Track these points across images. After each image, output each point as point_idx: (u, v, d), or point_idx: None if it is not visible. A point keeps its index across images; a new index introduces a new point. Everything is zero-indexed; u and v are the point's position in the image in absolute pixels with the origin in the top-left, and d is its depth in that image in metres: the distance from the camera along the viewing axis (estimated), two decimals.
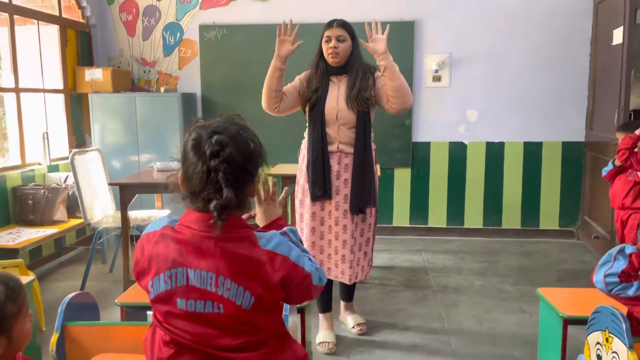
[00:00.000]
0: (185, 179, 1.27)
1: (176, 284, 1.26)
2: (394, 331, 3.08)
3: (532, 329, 3.06)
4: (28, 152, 4.32)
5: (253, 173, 1.28)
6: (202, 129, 1.25)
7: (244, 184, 1.27)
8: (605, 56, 4.42)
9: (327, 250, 2.85)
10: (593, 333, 1.88)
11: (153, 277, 1.28)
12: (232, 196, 1.20)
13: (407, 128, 4.98)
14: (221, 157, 1.20)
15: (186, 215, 1.29)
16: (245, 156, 1.24)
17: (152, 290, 1.29)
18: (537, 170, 4.96)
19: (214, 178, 1.20)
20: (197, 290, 1.24)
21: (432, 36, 4.89)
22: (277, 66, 2.73)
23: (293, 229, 1.42)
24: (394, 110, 2.73)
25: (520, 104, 4.89)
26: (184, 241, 1.26)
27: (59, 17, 4.73)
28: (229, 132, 1.24)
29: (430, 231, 5.12)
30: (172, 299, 1.26)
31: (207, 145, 1.21)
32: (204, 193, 1.23)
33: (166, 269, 1.26)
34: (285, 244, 1.30)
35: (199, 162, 1.22)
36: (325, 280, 1.39)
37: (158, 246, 1.28)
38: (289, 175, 3.89)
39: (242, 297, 1.24)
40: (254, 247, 1.26)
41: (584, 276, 3.99)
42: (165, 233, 1.29)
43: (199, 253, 1.25)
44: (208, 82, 5.14)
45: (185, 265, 1.25)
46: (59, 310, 1.82)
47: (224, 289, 1.23)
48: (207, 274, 1.24)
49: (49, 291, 3.74)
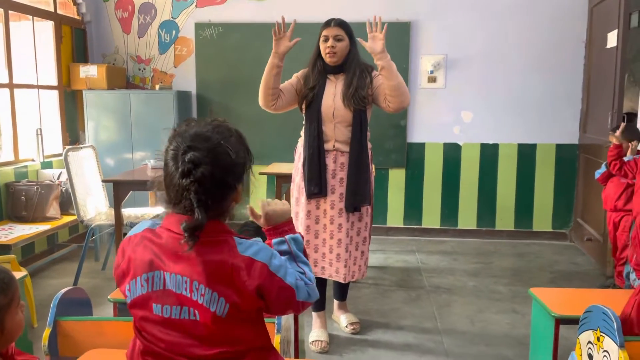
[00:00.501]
0: (166, 186, 1.25)
1: (152, 288, 1.23)
2: (387, 330, 3.09)
3: (525, 329, 3.08)
4: (21, 148, 4.30)
5: (232, 185, 1.24)
6: (181, 138, 1.21)
7: (222, 197, 1.23)
8: (599, 59, 4.45)
9: (322, 249, 2.85)
10: (584, 332, 1.89)
11: (130, 280, 1.25)
12: (203, 216, 1.17)
13: (402, 129, 4.99)
14: (193, 177, 1.16)
15: (167, 217, 1.26)
16: (223, 169, 1.20)
17: (129, 294, 1.26)
18: (531, 172, 4.98)
19: (187, 195, 1.18)
20: (173, 294, 1.22)
21: (428, 37, 4.91)
22: (274, 63, 2.73)
23: (297, 238, 1.37)
24: (392, 109, 2.74)
25: (515, 105, 4.91)
26: (161, 244, 1.24)
27: (54, 13, 4.71)
28: (207, 145, 1.20)
29: (424, 232, 5.13)
30: (148, 303, 1.24)
31: (181, 161, 1.18)
32: (180, 205, 1.21)
33: (143, 272, 1.24)
34: (266, 252, 1.24)
35: (175, 175, 1.19)
36: (315, 297, 1.32)
37: (137, 249, 1.26)
38: (284, 174, 3.89)
39: (217, 304, 1.20)
40: (231, 253, 1.21)
41: (576, 278, 4.02)
42: (145, 235, 1.27)
43: (175, 257, 1.22)
44: (203, 80, 5.14)
45: (162, 269, 1.22)
46: (52, 304, 1.81)
47: (198, 294, 1.20)
48: (183, 279, 1.21)
49: (41, 288, 3.72)
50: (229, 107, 5.12)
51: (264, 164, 4.78)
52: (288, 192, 4.29)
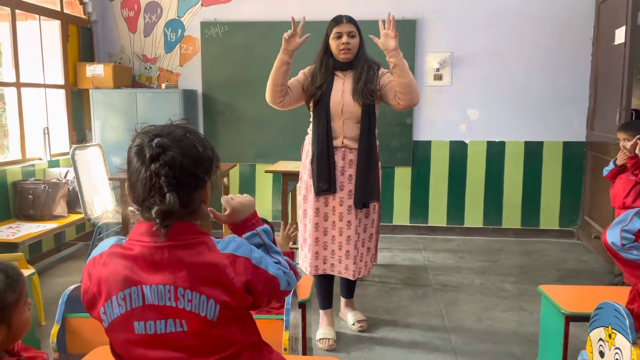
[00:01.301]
0: (130, 187, 1.18)
1: (131, 306, 1.15)
2: (394, 328, 3.08)
3: (533, 327, 3.06)
4: (29, 147, 4.31)
5: (202, 178, 1.19)
6: (144, 134, 1.18)
7: (192, 190, 1.18)
8: (606, 56, 4.42)
9: (331, 247, 2.84)
10: (596, 329, 1.87)
11: (105, 302, 1.16)
12: (175, 200, 1.12)
13: (408, 127, 4.97)
14: (162, 160, 1.12)
15: (135, 229, 1.19)
16: (192, 159, 1.16)
17: (105, 317, 1.17)
18: (538, 169, 4.95)
19: (156, 183, 1.12)
20: (155, 308, 1.15)
21: (434, 35, 4.89)
22: (284, 60, 2.72)
23: (266, 229, 1.34)
24: (401, 106, 2.73)
25: (522, 103, 4.88)
26: (133, 256, 1.16)
27: (61, 13, 4.72)
28: (173, 135, 1.17)
29: (431, 230, 5.11)
30: (129, 323, 1.16)
31: (148, 148, 1.14)
32: (148, 201, 1.14)
33: (118, 290, 1.15)
34: (246, 247, 1.22)
35: (142, 168, 1.14)
36: (294, 284, 1.30)
37: (106, 268, 1.17)
38: (290, 172, 3.89)
39: (207, 307, 1.15)
40: (212, 252, 1.17)
41: (584, 275, 3.99)
42: (113, 252, 1.19)
43: (152, 266, 1.15)
44: (209, 79, 5.14)
45: (140, 283, 1.15)
46: (60, 301, 1.81)
47: (184, 301, 1.14)
48: (165, 288, 1.14)
49: (48, 286, 3.73)
50: (235, 106, 5.12)
51: (270, 162, 4.78)
52: (294, 190, 4.29)
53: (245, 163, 5.21)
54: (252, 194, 5.23)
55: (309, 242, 2.86)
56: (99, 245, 1.24)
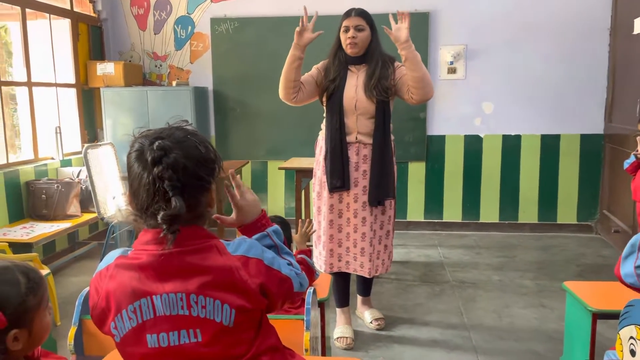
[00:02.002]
0: (132, 194, 1.13)
1: (142, 318, 1.10)
2: (412, 326, 3.03)
3: (555, 323, 3.00)
4: (41, 146, 4.30)
5: (207, 179, 1.14)
6: (144, 138, 1.14)
7: (198, 192, 1.13)
8: (625, 46, 4.32)
9: (346, 244, 2.80)
10: (626, 327, 1.81)
11: (115, 316, 1.12)
12: (181, 204, 1.07)
13: (421, 121, 4.91)
14: (164, 163, 1.07)
15: (140, 238, 1.15)
16: (195, 161, 1.11)
17: (116, 332, 1.13)
18: (555, 163, 4.87)
19: (160, 188, 1.07)
20: (167, 319, 1.10)
21: (447, 27, 4.81)
22: (296, 55, 2.66)
23: (276, 230, 1.30)
24: (415, 100, 2.67)
25: (538, 96, 4.80)
26: (141, 266, 1.11)
27: (71, 11, 4.70)
28: (174, 137, 1.12)
29: (446, 226, 5.05)
30: (141, 337, 1.11)
31: (149, 152, 1.09)
32: (153, 207, 1.09)
33: (128, 303, 1.11)
34: (257, 248, 1.18)
35: (144, 173, 1.09)
36: (306, 285, 1.27)
37: (114, 281, 1.13)
38: (303, 169, 3.84)
39: (222, 313, 1.10)
40: (223, 255, 1.13)
41: (604, 270, 3.91)
42: (119, 264, 1.14)
43: (161, 275, 1.10)
44: (220, 75, 5.10)
45: (149, 294, 1.10)
46: (77, 303, 1.78)
47: (198, 308, 1.09)
48: (177, 296, 1.09)
49: (62, 286, 3.72)
50: (246, 102, 5.08)
51: (283, 159, 4.74)
52: (308, 186, 4.25)
53: (257, 160, 5.17)
54: (265, 191, 5.20)
55: (323, 240, 2.82)
56: (104, 258, 1.20)
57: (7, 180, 3.83)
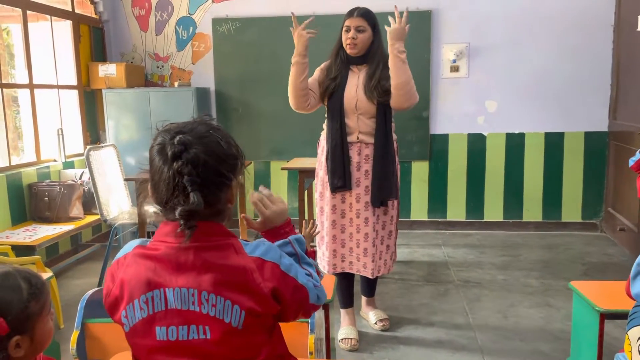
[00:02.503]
0: (153, 187, 1.14)
1: (153, 310, 1.10)
2: (417, 327, 3.01)
3: (561, 323, 2.98)
4: (43, 148, 4.29)
5: (228, 176, 1.13)
6: (166, 132, 1.13)
7: (217, 188, 1.12)
8: (629, 43, 4.29)
9: (349, 244, 2.78)
10: (634, 328, 1.78)
11: (126, 305, 1.12)
12: (199, 200, 1.06)
13: (424, 120, 4.88)
14: (184, 158, 1.07)
15: (160, 229, 1.15)
16: (216, 157, 1.11)
17: (126, 321, 1.13)
18: (559, 161, 4.84)
19: (179, 183, 1.07)
20: (178, 313, 1.10)
21: (450, 26, 4.79)
22: (300, 61, 2.65)
23: (299, 238, 1.29)
24: (392, 105, 2.65)
25: (541, 93, 4.77)
26: (157, 257, 1.11)
27: (72, 13, 4.69)
28: (196, 132, 1.12)
29: (450, 225, 5.02)
30: (151, 328, 1.11)
31: (170, 146, 1.09)
32: (172, 201, 1.09)
33: (141, 293, 1.11)
34: (275, 251, 1.16)
35: (164, 167, 1.09)
36: (324, 299, 1.25)
37: (129, 269, 1.13)
38: (306, 169, 3.82)
39: (231, 314, 1.09)
40: (239, 255, 1.12)
41: (610, 269, 3.89)
42: (137, 253, 1.15)
43: (176, 268, 1.10)
44: (222, 76, 5.09)
45: (163, 286, 1.10)
46: (79, 307, 1.77)
47: (209, 306, 1.09)
48: (188, 291, 1.09)
49: (65, 289, 3.71)
50: (248, 103, 5.07)
51: (285, 159, 4.73)
52: (311, 187, 4.23)
53: (259, 160, 5.15)
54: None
55: (326, 240, 2.80)
56: (124, 247, 1.20)
57: (10, 183, 3.82)
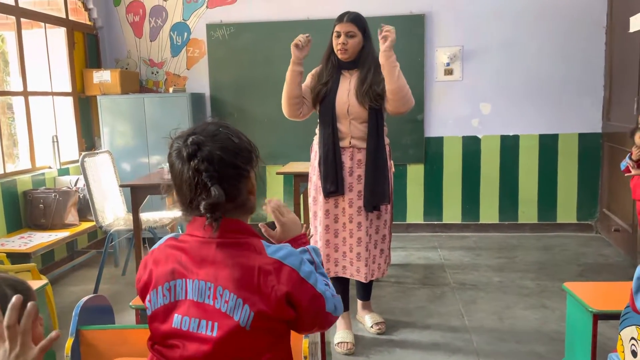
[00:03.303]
0: (177, 191, 1.21)
1: (175, 297, 1.18)
2: (413, 330, 3.01)
3: (556, 324, 2.99)
4: (38, 155, 4.29)
5: (244, 167, 1.20)
6: (179, 138, 1.21)
7: (236, 180, 1.19)
8: (621, 44, 4.32)
9: (342, 248, 2.79)
10: (627, 328, 1.79)
11: (151, 290, 1.20)
12: (220, 193, 1.13)
13: (419, 123, 4.90)
14: (199, 157, 1.14)
15: (190, 223, 1.22)
16: (229, 151, 1.17)
17: (149, 305, 1.21)
18: (554, 163, 4.86)
19: (200, 180, 1.14)
20: (194, 305, 1.16)
21: (443, 29, 4.81)
22: (296, 70, 2.66)
23: (316, 249, 1.33)
24: (389, 111, 2.67)
25: (535, 95, 4.79)
26: (184, 249, 1.19)
27: (66, 20, 4.70)
28: (207, 131, 1.19)
29: (445, 227, 5.04)
30: (170, 315, 1.18)
31: (184, 148, 1.16)
32: (196, 200, 1.16)
33: (165, 281, 1.19)
34: (296, 257, 1.19)
35: (184, 169, 1.16)
36: (341, 311, 1.27)
37: (160, 258, 1.22)
38: (301, 174, 3.83)
39: (241, 312, 1.12)
40: (260, 255, 1.16)
41: (605, 270, 3.90)
42: (168, 244, 1.23)
43: (199, 261, 1.17)
44: (217, 81, 5.10)
45: (185, 277, 1.17)
46: (73, 313, 1.77)
47: (222, 301, 1.13)
48: (206, 285, 1.15)
49: (61, 295, 3.71)
50: (243, 108, 5.08)
51: (281, 163, 4.73)
52: (306, 191, 4.23)
53: None
54: (264, 196, 5.19)
55: (319, 245, 2.80)
56: (161, 239, 1.28)
57: (5, 190, 3.82)
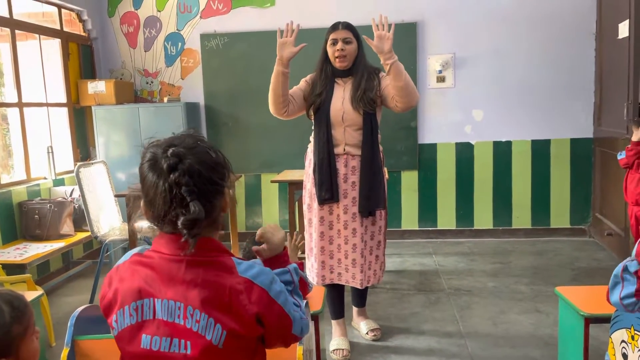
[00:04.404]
0: (148, 203, 1.15)
1: (142, 317, 1.14)
2: (408, 336, 3.03)
3: (550, 329, 3.01)
4: (33, 166, 4.30)
5: (220, 183, 1.16)
6: (155, 147, 1.15)
7: (212, 197, 1.15)
8: (611, 51, 4.37)
9: (337, 255, 2.80)
10: (617, 331, 1.82)
11: (117, 310, 1.16)
12: (200, 209, 1.08)
13: (412, 130, 4.93)
14: (180, 170, 1.09)
15: (157, 239, 1.18)
16: (208, 166, 1.14)
17: (115, 325, 1.16)
18: (546, 168, 4.90)
19: (177, 194, 1.09)
20: (164, 324, 1.12)
21: (435, 37, 4.86)
22: (279, 71, 2.67)
23: (297, 268, 1.32)
24: (399, 108, 2.69)
25: (526, 101, 4.84)
26: (151, 266, 1.15)
27: (61, 31, 4.72)
28: (186, 144, 1.14)
29: (440, 233, 5.06)
30: (137, 336, 1.14)
31: (164, 160, 1.10)
32: (170, 214, 1.11)
33: (132, 300, 1.14)
34: (267, 276, 1.17)
35: (159, 181, 1.11)
36: (306, 332, 1.27)
37: (125, 276, 1.17)
38: (296, 181, 3.85)
39: (213, 331, 1.11)
40: (230, 274, 1.13)
41: (598, 274, 3.93)
42: (134, 261, 1.18)
43: (167, 280, 1.13)
44: (211, 90, 5.12)
45: (153, 296, 1.13)
46: (69, 324, 1.77)
47: (192, 321, 1.11)
48: (175, 304, 1.12)
49: (57, 306, 3.70)
50: (237, 116, 5.10)
51: (275, 171, 4.75)
52: (301, 199, 4.25)
53: (250, 173, 5.18)
54: (259, 204, 5.21)
55: (315, 252, 2.82)
56: (125, 254, 1.24)
57: (0, 202, 3.82)
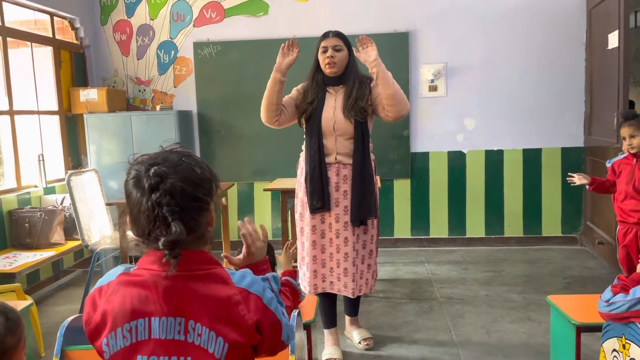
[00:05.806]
0: (132, 221, 1.14)
1: (137, 338, 1.10)
2: (401, 345, 3.02)
3: (542, 337, 3.01)
4: (24, 174, 4.27)
5: (205, 199, 1.15)
6: (139, 164, 1.14)
7: (197, 213, 1.14)
8: (601, 60, 4.42)
9: (329, 264, 2.80)
10: (609, 340, 1.82)
11: (109, 333, 1.12)
12: (181, 229, 1.08)
13: (405, 139, 4.95)
14: (162, 190, 1.09)
15: (144, 257, 1.16)
16: (191, 183, 1.12)
17: (107, 349, 1.12)
18: (538, 176, 4.93)
19: (159, 214, 1.09)
20: (160, 343, 1.10)
21: (427, 46, 4.89)
22: (277, 78, 2.69)
23: (275, 276, 1.31)
24: (390, 118, 2.70)
25: (518, 111, 4.87)
26: (143, 285, 1.12)
27: (53, 39, 4.71)
28: (169, 161, 1.13)
29: (433, 242, 5.07)
30: (132, 358, 1.11)
31: (146, 179, 1.10)
32: (154, 232, 1.10)
33: (124, 322, 1.11)
34: (259, 284, 1.18)
35: (142, 199, 1.10)
36: (292, 339, 1.27)
37: (113, 297, 1.13)
38: (289, 190, 3.85)
39: (215, 344, 1.10)
40: (226, 286, 1.13)
41: (590, 282, 3.95)
42: (121, 281, 1.14)
43: (163, 298, 1.10)
44: (204, 99, 5.12)
45: (147, 315, 1.10)
46: (58, 334, 1.76)
47: (194, 335, 1.10)
48: (175, 320, 1.10)
49: (47, 316, 3.66)
50: (230, 125, 5.10)
51: (268, 179, 4.75)
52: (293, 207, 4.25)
53: (243, 182, 5.17)
54: (252, 212, 5.19)
55: (307, 261, 2.82)
56: (107, 274, 1.20)
57: None
